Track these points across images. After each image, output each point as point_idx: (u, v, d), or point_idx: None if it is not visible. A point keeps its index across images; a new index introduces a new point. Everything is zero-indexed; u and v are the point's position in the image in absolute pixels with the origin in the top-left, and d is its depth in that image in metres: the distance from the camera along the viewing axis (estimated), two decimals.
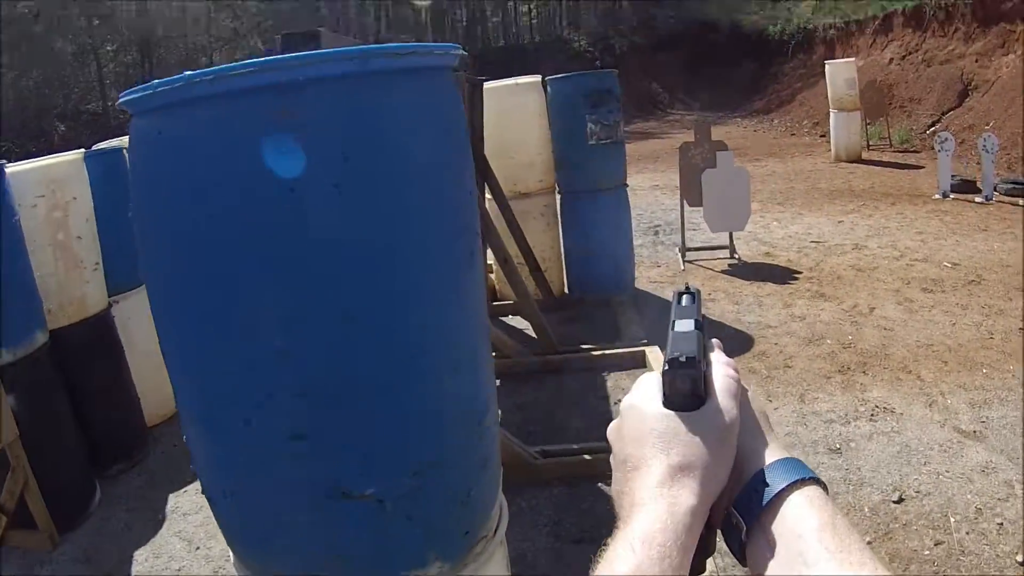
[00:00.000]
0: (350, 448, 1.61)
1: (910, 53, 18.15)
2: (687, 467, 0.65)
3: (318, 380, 1.55)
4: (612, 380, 5.25)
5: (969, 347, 5.50)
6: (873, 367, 5.29)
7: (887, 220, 9.60)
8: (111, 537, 3.98)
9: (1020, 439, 4.17)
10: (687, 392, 0.69)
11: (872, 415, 4.56)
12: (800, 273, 7.64)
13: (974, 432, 4.28)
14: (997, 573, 3.15)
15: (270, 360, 1.54)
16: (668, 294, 6.99)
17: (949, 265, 7.54)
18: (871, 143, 15.40)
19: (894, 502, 3.63)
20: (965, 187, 10.54)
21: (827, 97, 14.57)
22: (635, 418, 0.71)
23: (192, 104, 1.48)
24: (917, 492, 3.71)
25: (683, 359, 0.69)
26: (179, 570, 3.66)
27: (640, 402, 0.72)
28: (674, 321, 0.76)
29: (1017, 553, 3.25)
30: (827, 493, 0.65)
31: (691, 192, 7.77)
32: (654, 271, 8.01)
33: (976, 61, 15.77)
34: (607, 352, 5.43)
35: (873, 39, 19.92)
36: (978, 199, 10.08)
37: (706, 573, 0.67)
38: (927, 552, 3.28)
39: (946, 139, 10.48)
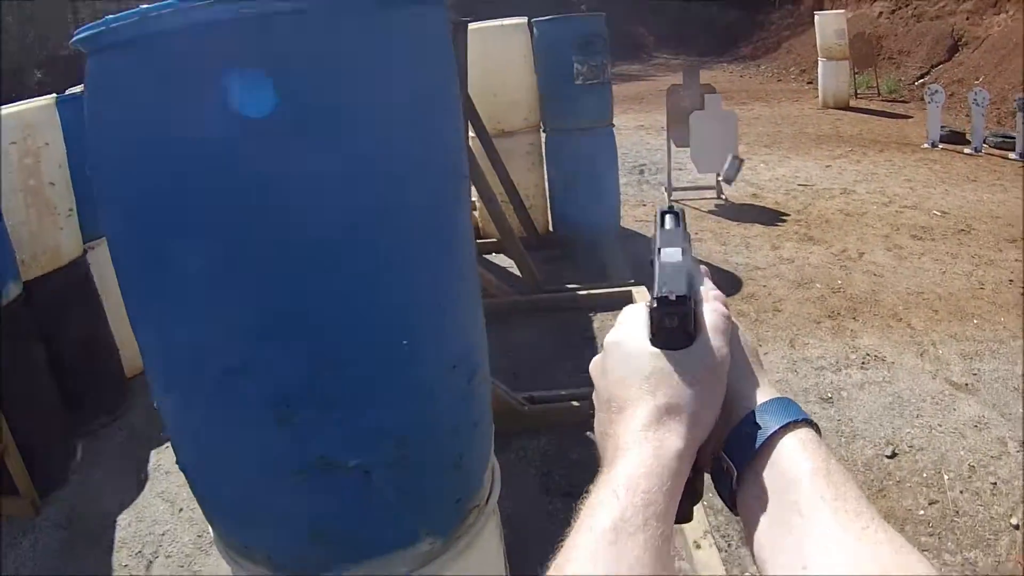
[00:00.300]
0: (332, 414, 1.40)
1: (900, 8, 17.74)
2: (674, 409, 0.61)
3: (296, 340, 1.35)
4: (599, 320, 4.98)
5: (960, 296, 5.27)
6: (863, 313, 5.06)
7: (875, 166, 9.31)
8: (93, 500, 3.64)
9: (1012, 393, 3.95)
10: (675, 330, 0.64)
11: (863, 363, 4.33)
12: (788, 215, 7.38)
13: (966, 385, 4.06)
14: (992, 538, 2.93)
15: (245, 320, 1.34)
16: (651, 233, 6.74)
17: (939, 213, 7.29)
18: (859, 92, 15.05)
19: (887, 457, 3.42)
20: (954, 138, 10.29)
21: (814, 46, 14.30)
22: (619, 356, 0.66)
23: (150, 41, 1.25)
24: (910, 447, 3.49)
25: (673, 297, 0.63)
26: (163, 534, 3.36)
27: (625, 339, 0.67)
28: (659, 249, 0.69)
29: (1012, 515, 3.03)
30: (820, 436, 0.61)
31: (678, 133, 7.48)
32: (639, 210, 7.71)
33: (967, 19, 15.42)
34: (593, 292, 5.16)
35: None
36: (967, 150, 9.82)
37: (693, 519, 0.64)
38: (922, 512, 3.07)
39: (936, 91, 10.18)
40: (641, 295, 5.00)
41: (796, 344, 4.64)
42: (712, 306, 0.68)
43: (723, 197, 7.87)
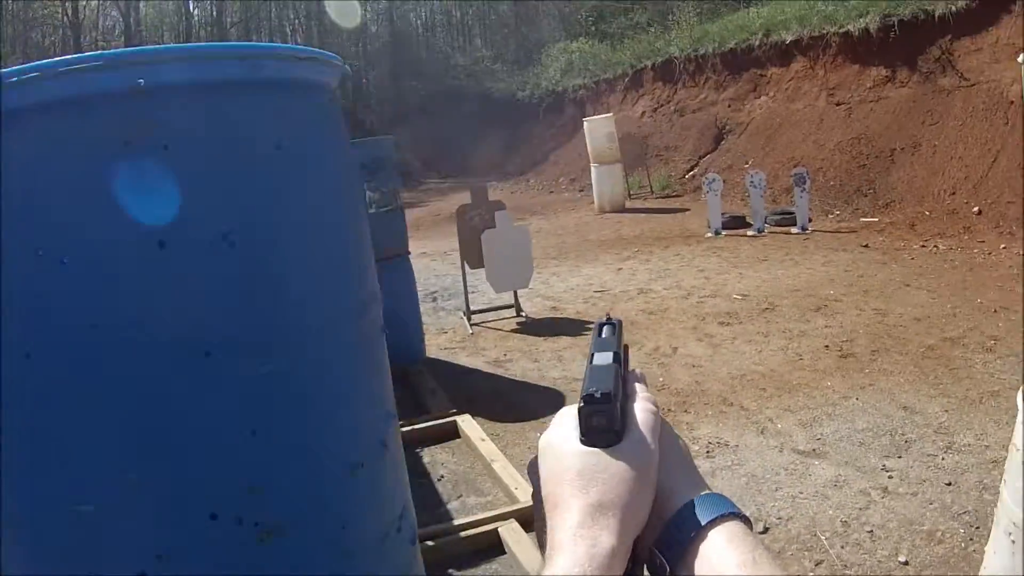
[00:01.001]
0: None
1: (662, 105, 19.54)
2: (606, 505, 0.66)
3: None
4: (428, 455, 4.99)
5: (781, 371, 5.72)
6: (693, 404, 5.37)
7: (666, 262, 10.04)
8: None
9: (859, 448, 4.33)
10: (604, 428, 0.70)
11: (708, 451, 4.58)
12: (591, 323, 7.68)
13: (813, 450, 4.40)
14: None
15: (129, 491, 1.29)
16: (460, 359, 6.91)
17: (739, 297, 7.93)
18: (632, 192, 16.21)
19: (761, 532, 3.60)
20: (735, 223, 11.29)
21: (581, 153, 15.35)
22: (552, 456, 0.72)
23: (14, 117, 1.19)
24: (779, 518, 3.72)
25: (599, 395, 0.69)
26: None
27: (556, 439, 0.73)
28: (592, 354, 0.78)
29: (897, 554, 3.33)
30: (749, 527, 0.67)
31: (471, 254, 7.77)
32: (442, 338, 7.86)
33: (729, 106, 17.22)
34: (417, 426, 5.18)
35: (624, 95, 21.25)
36: (750, 232, 10.79)
37: None
38: (812, 574, 3.28)
39: (714, 179, 11.24)
40: (467, 424, 5.09)
41: None
42: (641, 404, 0.75)
43: (524, 314, 8.17)
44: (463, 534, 3.77)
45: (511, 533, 3.76)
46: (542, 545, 0.70)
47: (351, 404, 1.56)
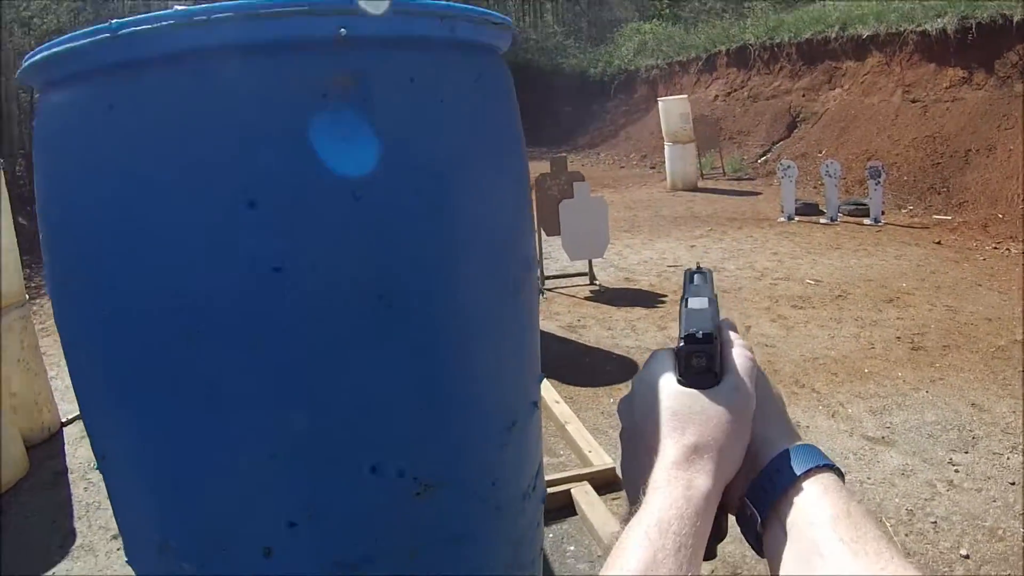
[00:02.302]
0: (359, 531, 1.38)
1: (735, 90, 19.29)
2: (703, 447, 0.66)
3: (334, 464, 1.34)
4: None
5: (853, 358, 5.76)
6: None
7: (738, 243, 10.04)
8: None
9: (927, 440, 4.39)
10: (703, 369, 0.70)
11: None
12: (666, 296, 7.81)
13: (883, 438, 4.46)
14: (948, 570, 3.27)
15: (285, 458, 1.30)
16: None
17: (812, 282, 7.93)
18: (704, 173, 16.13)
19: None
20: (808, 209, 11.23)
21: (653, 132, 15.28)
22: (648, 394, 0.72)
23: (170, 63, 1.14)
24: None
25: (700, 335, 0.70)
26: None
27: (654, 377, 0.72)
28: (686, 299, 0.78)
29: (959, 547, 3.41)
30: (843, 480, 0.66)
31: (548, 222, 7.86)
32: None
33: (803, 95, 16.99)
34: None
35: (697, 78, 21.00)
36: (823, 220, 10.73)
37: (716, 557, 0.69)
38: None
39: (789, 166, 11.18)
40: (541, 384, 5.21)
41: None
42: (739, 350, 0.74)
43: (598, 283, 8.27)
44: None
45: (583, 495, 3.84)
46: (628, 485, 0.72)
47: (514, 361, 1.57)
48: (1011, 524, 3.62)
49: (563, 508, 3.83)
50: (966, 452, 4.29)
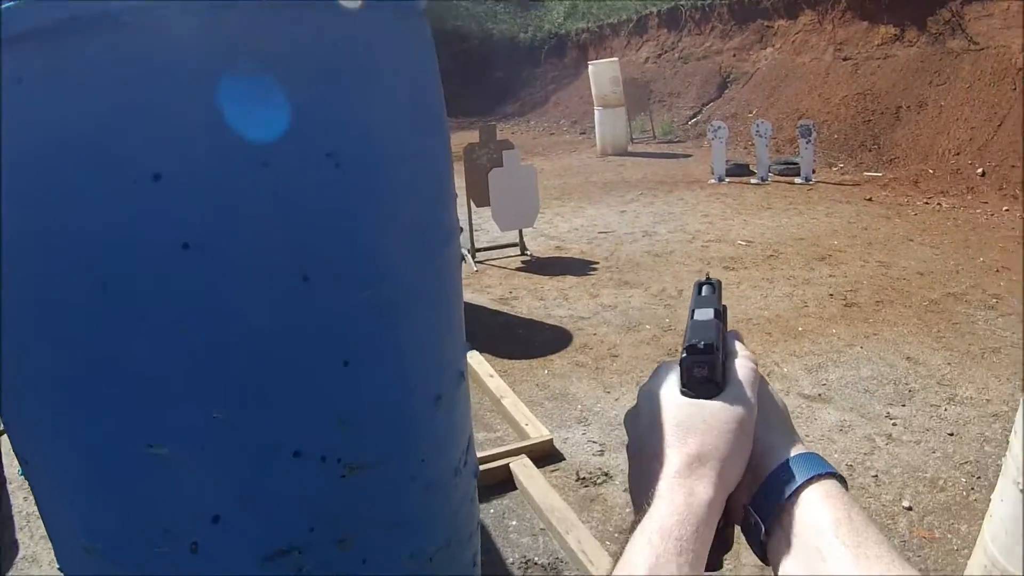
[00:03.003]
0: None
1: (666, 52, 19.37)
2: (704, 457, 0.67)
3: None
4: None
5: (787, 317, 5.76)
6: None
7: (669, 206, 10.03)
8: None
9: (864, 395, 4.39)
10: (705, 379, 0.71)
11: None
12: (597, 263, 7.76)
13: (819, 395, 4.45)
14: (891, 523, 3.28)
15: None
16: (466, 296, 6.87)
17: (743, 243, 7.94)
18: (634, 137, 16.14)
19: None
20: (738, 170, 11.28)
21: (583, 96, 15.32)
22: (652, 405, 0.73)
23: (80, 30, 1.07)
24: None
25: (701, 345, 0.71)
26: None
27: (657, 389, 0.74)
28: (693, 310, 0.80)
29: (901, 499, 3.43)
30: (845, 487, 0.67)
31: (477, 192, 7.75)
32: None
33: (734, 56, 17.10)
34: None
35: (628, 40, 21.03)
36: (753, 181, 10.78)
37: (722, 569, 0.71)
38: None
39: (719, 127, 11.19)
40: (474, 359, 5.12)
41: None
42: (742, 360, 0.75)
43: (529, 253, 8.17)
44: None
45: (522, 468, 3.80)
46: (635, 496, 0.72)
47: (438, 333, 1.51)
48: (952, 474, 3.62)
49: (503, 483, 3.79)
50: (903, 405, 4.30)
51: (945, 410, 4.23)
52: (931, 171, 10.37)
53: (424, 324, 1.46)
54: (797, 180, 10.53)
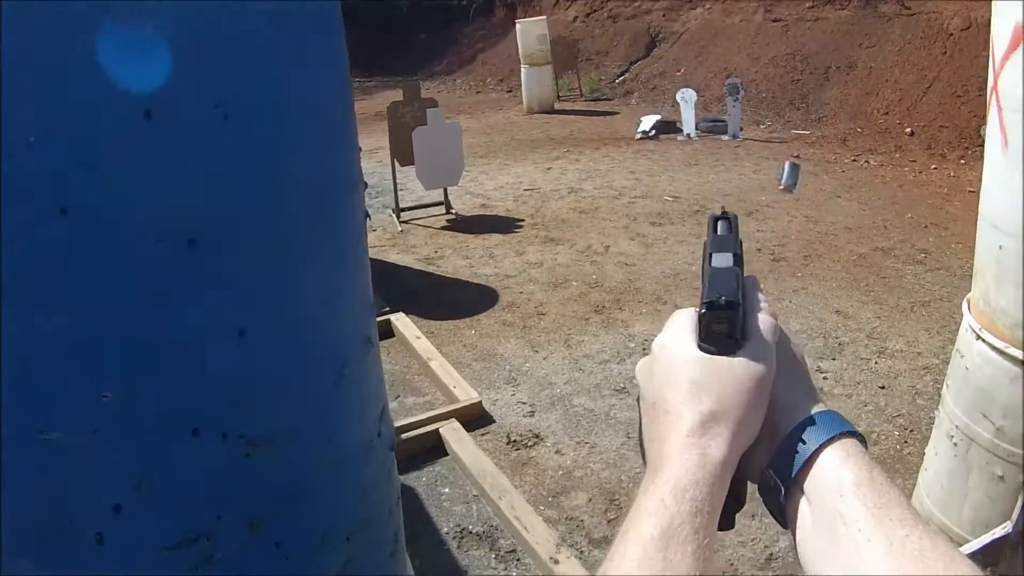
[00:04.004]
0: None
1: (595, 11, 19.26)
2: (720, 416, 0.66)
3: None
4: None
5: None
6: (628, 302, 5.32)
7: (595, 163, 9.95)
8: None
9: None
10: (724, 335, 0.68)
11: (645, 349, 4.50)
12: (523, 221, 7.65)
13: None
14: None
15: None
16: (391, 256, 6.74)
17: (670, 199, 7.90)
18: (561, 95, 16.02)
19: None
20: (665, 128, 11.22)
21: (511, 55, 15.30)
22: (667, 359, 0.71)
23: None
24: None
25: (722, 302, 0.68)
26: None
27: (673, 342, 0.72)
28: (710, 254, 0.75)
29: None
30: (865, 446, 0.66)
31: (401, 151, 7.58)
32: (370, 236, 7.64)
33: (664, 15, 17.06)
34: None
35: (556, 0, 20.80)
36: (680, 137, 10.73)
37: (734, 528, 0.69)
38: None
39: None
40: (401, 322, 4.98)
41: (572, 343, 4.78)
42: (762, 315, 0.72)
43: (454, 212, 8.01)
44: (403, 436, 3.65)
45: (452, 433, 3.73)
46: (644, 447, 0.70)
47: (341, 298, 1.43)
48: (884, 427, 3.59)
49: (434, 449, 3.69)
50: (833, 359, 4.26)
51: (876, 363, 4.21)
52: (859, 130, 10.43)
53: (325, 288, 1.37)
54: (724, 138, 10.53)
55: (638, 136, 11.11)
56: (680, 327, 0.73)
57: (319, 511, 1.42)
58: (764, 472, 0.68)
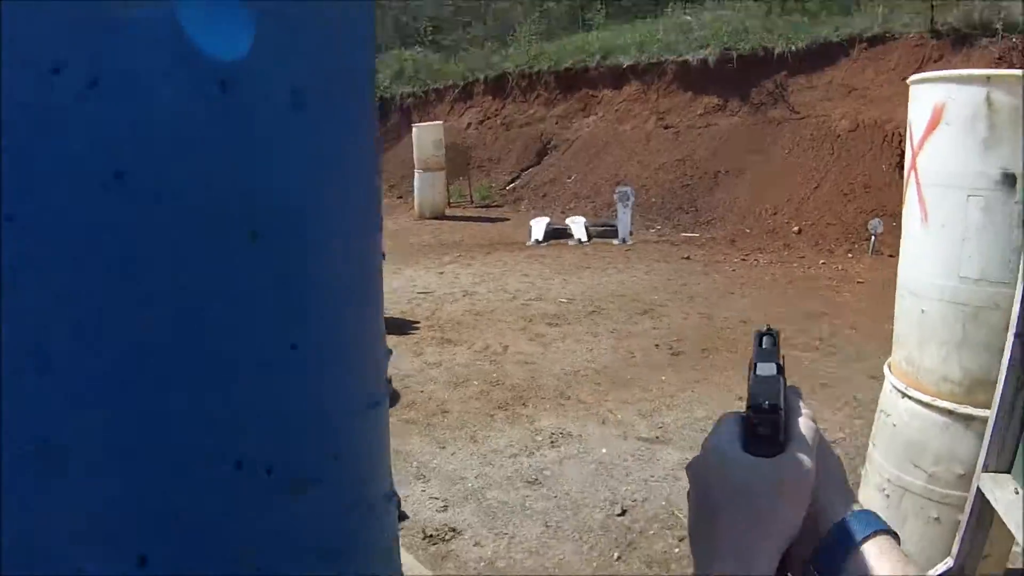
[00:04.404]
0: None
1: (489, 118, 19.60)
2: (764, 518, 0.69)
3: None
4: None
5: (615, 367, 5.74)
6: (531, 399, 5.28)
7: (488, 267, 10.01)
8: None
9: (702, 434, 4.28)
10: (768, 438, 0.73)
11: (553, 442, 4.51)
12: (418, 323, 7.57)
13: (657, 437, 4.43)
14: None
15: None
16: None
17: (565, 300, 7.96)
18: (452, 201, 16.18)
19: (618, 515, 3.62)
20: (555, 234, 11.39)
21: (405, 160, 15.49)
22: (716, 461, 0.74)
23: None
24: (634, 500, 3.72)
25: (766, 405, 0.72)
26: None
27: (721, 445, 0.75)
28: (755, 364, 0.79)
29: None
30: (899, 543, 0.70)
31: None
32: None
33: (557, 123, 17.51)
34: None
35: (451, 106, 21.16)
36: (571, 243, 10.91)
37: None
38: (677, 550, 3.28)
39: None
40: None
41: (478, 439, 4.70)
42: (804, 420, 0.76)
43: None
44: None
45: None
46: (695, 542, 0.73)
47: (377, 328, 1.34)
48: None
49: None
50: None
51: None
52: (748, 230, 10.79)
53: (368, 313, 1.27)
54: (615, 241, 10.75)
55: (529, 243, 11.24)
56: (728, 430, 0.76)
57: (347, 562, 1.29)
58: (806, 566, 0.71)
